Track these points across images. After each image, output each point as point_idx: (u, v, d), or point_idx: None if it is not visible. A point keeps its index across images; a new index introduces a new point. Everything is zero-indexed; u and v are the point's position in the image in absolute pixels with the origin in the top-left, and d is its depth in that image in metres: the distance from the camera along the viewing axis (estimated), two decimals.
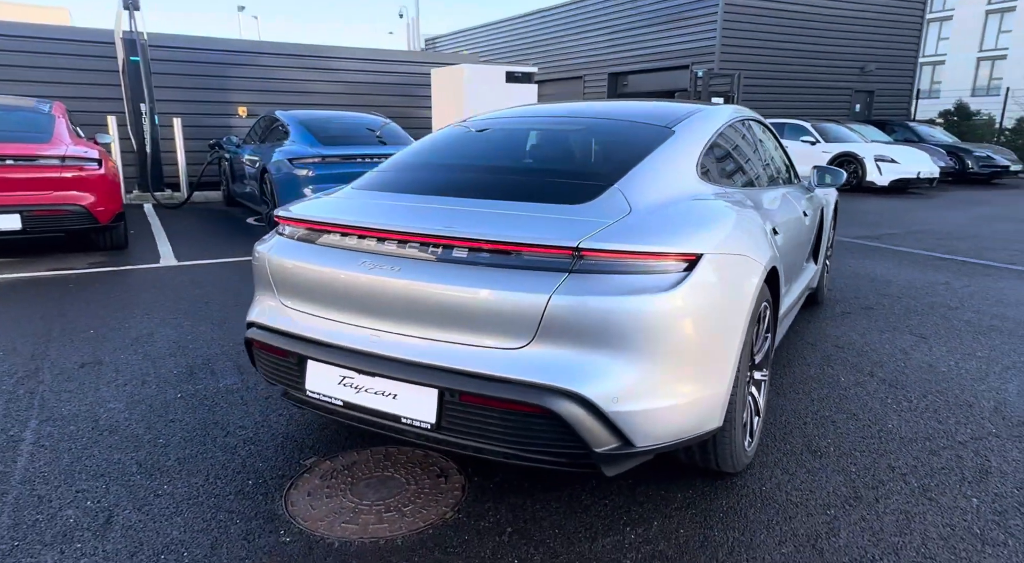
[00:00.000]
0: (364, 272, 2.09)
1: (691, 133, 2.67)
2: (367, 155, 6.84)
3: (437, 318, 1.99)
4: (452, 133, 3.04)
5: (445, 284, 1.96)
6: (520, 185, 2.35)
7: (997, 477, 2.50)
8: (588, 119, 2.90)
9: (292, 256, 2.32)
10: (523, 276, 1.92)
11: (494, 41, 23.00)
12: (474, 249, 1.99)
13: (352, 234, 2.20)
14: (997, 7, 39.71)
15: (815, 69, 17.25)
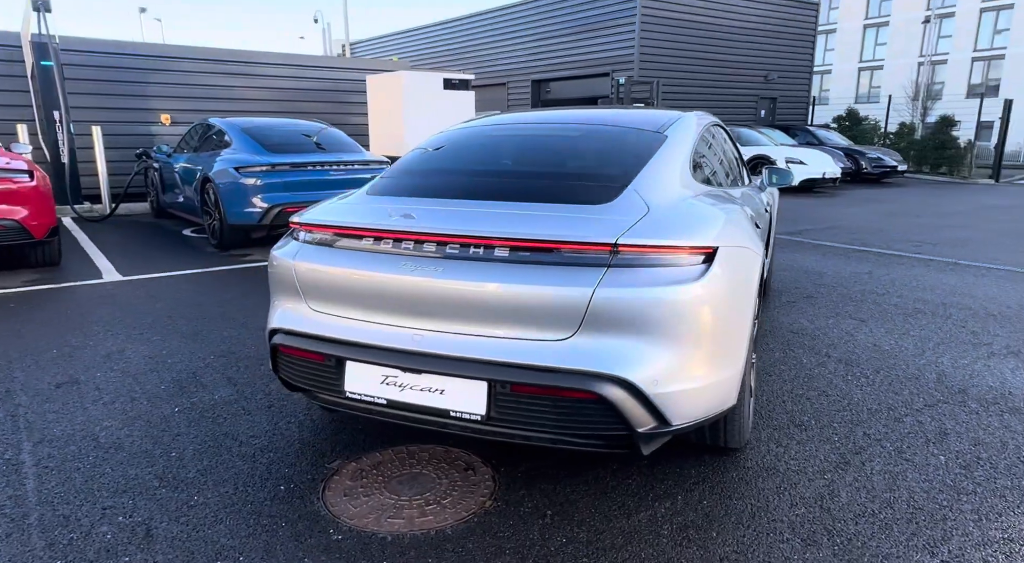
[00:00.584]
0: (407, 274, 2.18)
1: (680, 137, 2.90)
2: (318, 163, 6.77)
3: (484, 315, 2.10)
4: (453, 140, 3.14)
5: (491, 282, 2.08)
6: (539, 187, 2.49)
7: (954, 437, 2.86)
8: (584, 125, 3.09)
9: (324, 261, 2.36)
10: (565, 272, 2.06)
11: (416, 48, 22.97)
12: (516, 248, 2.12)
13: (389, 238, 2.27)
14: (873, 22, 43.35)
15: (725, 77, 18.31)
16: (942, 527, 2.20)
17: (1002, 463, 2.64)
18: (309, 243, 2.48)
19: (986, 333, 4.34)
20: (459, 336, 2.14)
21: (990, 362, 3.79)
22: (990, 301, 5.17)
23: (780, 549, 2.09)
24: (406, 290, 2.18)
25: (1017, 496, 2.39)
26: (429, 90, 9.81)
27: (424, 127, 9.94)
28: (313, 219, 2.49)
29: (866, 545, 2.11)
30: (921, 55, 40.32)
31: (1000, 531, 2.18)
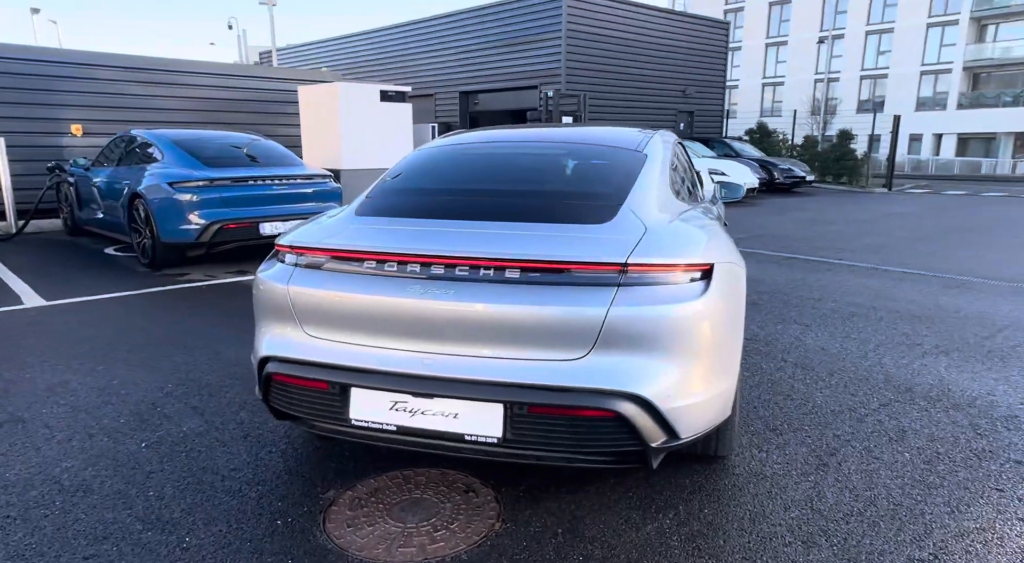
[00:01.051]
0: (417, 297, 2.14)
1: (657, 155, 3.00)
2: (259, 177, 6.52)
3: (497, 336, 2.10)
4: (435, 158, 3.10)
5: (504, 304, 2.08)
6: (536, 207, 2.51)
7: (912, 435, 3.08)
8: (566, 144, 3.14)
9: (323, 286, 2.29)
10: (578, 292, 2.09)
11: (341, 57, 22.54)
12: (527, 269, 2.13)
13: (394, 260, 2.23)
14: (774, 41, 46.17)
15: (646, 91, 18.99)
16: (922, 521, 2.37)
17: (958, 457, 2.86)
18: (304, 267, 2.39)
19: (916, 334, 4.70)
20: (473, 359, 2.13)
21: (925, 361, 4.11)
22: (912, 303, 5.60)
23: (785, 553, 2.19)
24: (416, 313, 2.15)
25: (978, 487, 2.61)
26: (366, 102, 9.64)
27: (362, 140, 9.77)
28: (307, 242, 2.41)
29: (860, 543, 2.24)
30: (817, 73, 43.25)
31: (972, 521, 2.37)
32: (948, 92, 40.26)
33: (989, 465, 2.79)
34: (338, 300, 2.25)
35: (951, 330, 4.81)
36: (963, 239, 9.80)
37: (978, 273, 7.01)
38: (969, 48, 39.41)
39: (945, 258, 7.98)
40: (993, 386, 3.70)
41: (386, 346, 2.21)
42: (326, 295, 2.27)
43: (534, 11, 16.78)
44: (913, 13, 40.47)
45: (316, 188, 6.92)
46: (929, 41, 40.43)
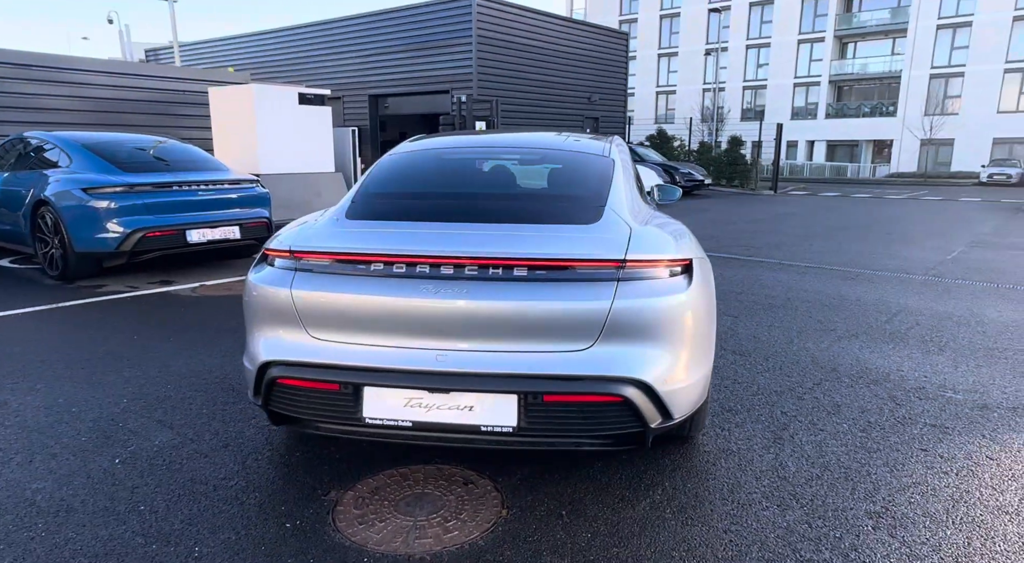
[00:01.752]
0: (429, 297, 2.23)
1: (622, 160, 3.23)
2: (184, 182, 6.24)
3: (509, 331, 2.22)
4: (415, 163, 3.16)
5: (516, 300, 2.21)
6: (528, 209, 2.65)
7: (845, 408, 3.47)
8: (540, 150, 3.30)
9: (331, 289, 2.32)
10: (583, 287, 2.26)
11: (243, 56, 21.61)
12: (533, 267, 2.27)
13: (403, 262, 2.30)
14: (665, 52, 48.67)
15: (555, 98, 19.55)
16: (870, 480, 2.71)
17: (886, 424, 3.27)
18: (305, 270, 2.41)
19: (828, 321, 5.23)
20: (486, 353, 2.24)
21: (841, 344, 4.60)
22: (819, 294, 6.20)
23: (764, 516, 2.45)
24: (429, 313, 2.23)
25: (907, 449, 3.00)
26: (283, 105, 9.37)
27: (280, 144, 9.50)
28: (308, 246, 2.43)
29: (824, 503, 2.54)
30: (705, 83, 46.02)
31: (908, 477, 2.74)
32: (818, 102, 44.00)
33: (911, 429, 3.21)
34: (348, 302, 2.29)
35: (856, 316, 5.38)
36: (848, 236, 10.85)
37: (867, 266, 7.83)
38: (833, 63, 43.28)
39: (837, 253, 8.83)
40: (900, 363, 4.21)
41: (399, 344, 2.27)
42: (335, 297, 2.30)
43: (444, 16, 16.88)
44: (786, 31, 43.92)
45: (243, 193, 6.70)
46: (800, 56, 44.02)
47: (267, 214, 6.84)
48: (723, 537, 2.31)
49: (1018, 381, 3.90)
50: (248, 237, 6.67)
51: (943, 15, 39.04)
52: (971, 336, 4.84)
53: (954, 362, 4.24)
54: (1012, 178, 30.81)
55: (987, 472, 2.79)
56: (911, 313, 5.51)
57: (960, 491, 2.63)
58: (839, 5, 42.46)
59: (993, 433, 3.18)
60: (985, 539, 2.30)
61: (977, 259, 8.49)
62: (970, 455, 2.95)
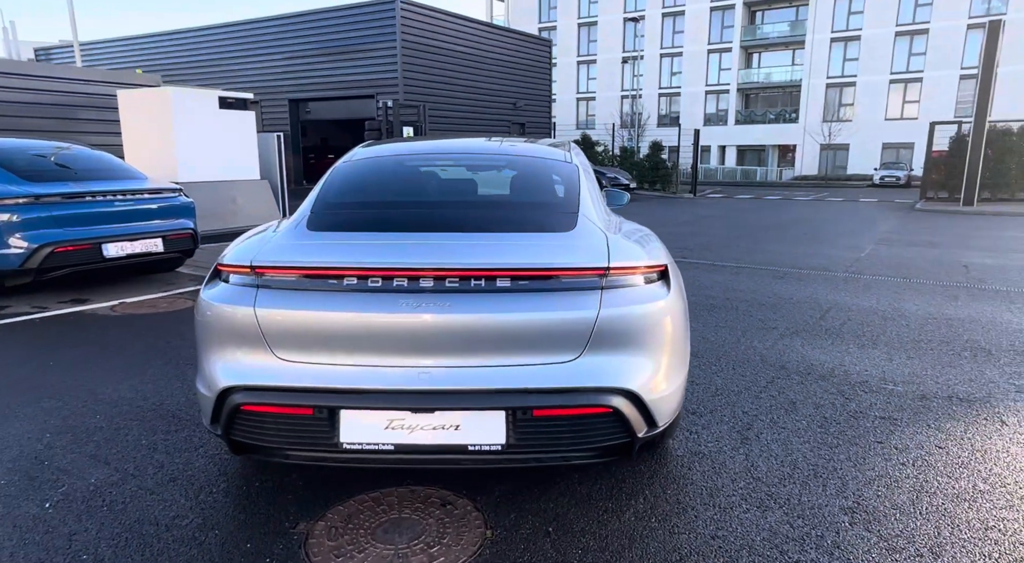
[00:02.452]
0: (408, 312, 2.10)
1: (583, 165, 3.20)
2: (98, 193, 5.75)
3: (495, 345, 2.13)
4: (374, 170, 3.01)
5: (501, 313, 2.12)
6: (501, 217, 2.56)
7: (801, 405, 3.57)
8: (502, 156, 3.21)
9: (300, 306, 2.15)
10: (567, 297, 2.20)
11: (148, 58, 20.39)
12: (517, 277, 2.19)
13: (378, 275, 2.16)
14: (584, 59, 49.72)
15: (481, 104, 19.53)
16: (838, 476, 2.78)
17: (840, 418, 3.38)
18: (270, 287, 2.23)
19: (768, 319, 5.41)
20: (472, 368, 2.14)
21: (784, 342, 4.75)
22: (755, 293, 6.42)
23: (746, 518, 2.46)
24: (410, 329, 2.11)
25: (864, 442, 3.11)
26: (203, 110, 8.85)
27: (201, 151, 8.97)
28: (271, 261, 2.24)
29: (801, 501, 2.58)
30: (623, 90, 47.32)
31: (872, 471, 2.83)
32: (728, 109, 46.10)
33: (864, 423, 3.34)
34: (321, 320, 2.13)
35: (792, 314, 5.59)
36: (769, 236, 11.35)
37: (793, 264, 8.20)
38: (741, 72, 45.50)
39: (763, 253, 9.21)
40: (841, 358, 4.39)
41: (378, 363, 2.14)
42: (306, 316, 2.14)
43: (368, 19, 16.54)
44: (696, 40, 45.81)
45: (165, 203, 6.26)
46: (711, 65, 46.02)
47: (192, 225, 6.43)
48: (711, 543, 2.30)
49: (946, 371, 4.14)
50: (172, 250, 6.24)
51: (835, 29, 41.79)
52: (897, 330, 5.12)
53: (888, 355, 4.46)
54: (901, 180, 33.29)
55: (939, 461, 2.92)
56: (841, 309, 5.78)
57: (920, 481, 2.74)
58: (744, 17, 44.67)
59: (937, 422, 3.34)
60: (952, 527, 2.40)
61: (887, 256, 9.06)
62: (921, 445, 3.08)
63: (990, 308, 5.86)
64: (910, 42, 39.98)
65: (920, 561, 2.20)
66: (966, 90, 38.18)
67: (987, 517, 2.47)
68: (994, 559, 2.22)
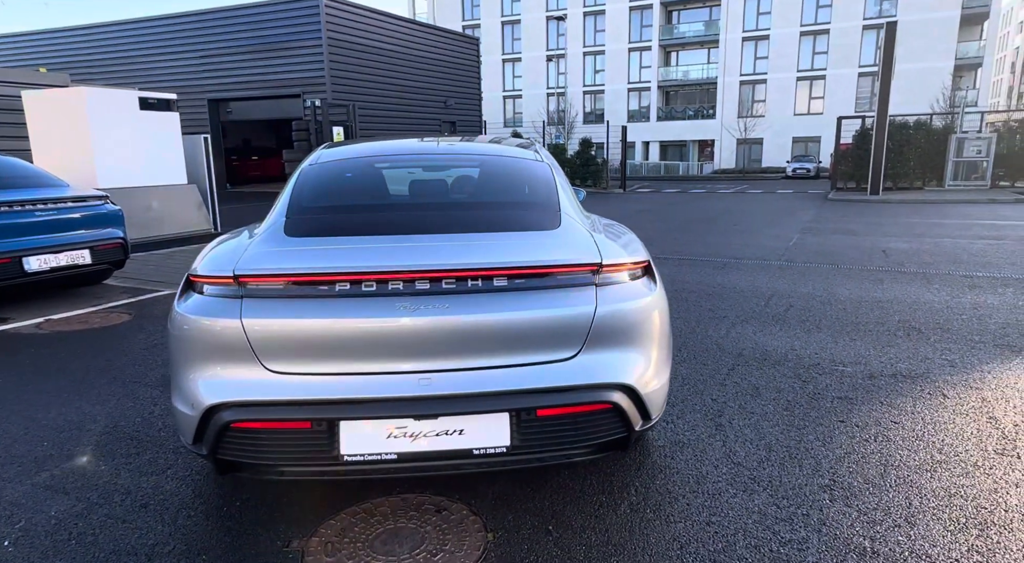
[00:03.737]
0: (407, 316, 2.06)
1: (553, 163, 3.22)
2: (16, 202, 5.31)
3: (495, 344, 2.11)
4: (345, 172, 2.91)
5: (499, 312, 2.10)
6: (487, 218, 2.53)
7: (764, 390, 3.72)
8: (474, 156, 3.18)
9: (290, 315, 2.06)
10: (564, 294, 2.20)
11: (52, 55, 19.00)
12: (513, 276, 2.18)
13: (372, 279, 2.10)
14: (509, 57, 49.95)
15: (412, 102, 19.29)
16: (811, 456, 2.92)
17: (803, 401, 3.55)
18: (257, 296, 2.12)
19: (717, 308, 5.61)
20: (473, 372, 2.11)
21: (736, 329, 4.94)
22: (700, 284, 6.64)
23: (735, 501, 2.54)
24: (408, 333, 2.06)
25: (828, 421, 3.27)
26: (122, 111, 8.31)
27: (121, 155, 8.43)
28: (255, 269, 2.14)
29: (782, 482, 2.69)
30: (548, 87, 47.83)
31: (840, 449, 2.99)
32: (650, 106, 47.41)
33: (824, 403, 3.51)
34: (315, 328, 2.05)
35: (738, 302, 5.82)
36: (703, 228, 11.76)
37: (730, 255, 8.52)
38: (660, 70, 46.86)
39: (700, 244, 9.53)
40: (791, 343, 4.60)
41: (377, 371, 2.08)
42: (299, 325, 2.05)
43: (290, 15, 16.01)
44: (617, 39, 46.84)
45: (90, 211, 5.86)
46: (632, 63, 47.17)
47: (121, 234, 6.05)
48: (707, 529, 2.37)
49: (887, 350, 4.41)
50: (100, 261, 5.85)
51: (746, 29, 43.67)
52: (836, 313, 5.42)
53: (833, 338, 4.71)
54: (811, 171, 35.22)
55: (897, 435, 3.11)
56: (782, 296, 6.06)
57: (884, 456, 2.90)
58: (661, 17, 46.02)
59: (888, 399, 3.56)
60: (920, 497, 2.55)
61: (813, 243, 9.56)
62: (878, 421, 3.27)
63: (912, 289, 6.28)
64: (813, 42, 42.26)
65: (899, 531, 2.33)
66: (864, 87, 40.81)
67: (948, 485, 2.64)
68: (961, 524, 2.38)
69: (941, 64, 38.35)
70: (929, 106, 32.82)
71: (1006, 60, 62.84)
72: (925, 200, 16.83)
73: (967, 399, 3.54)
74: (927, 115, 20.95)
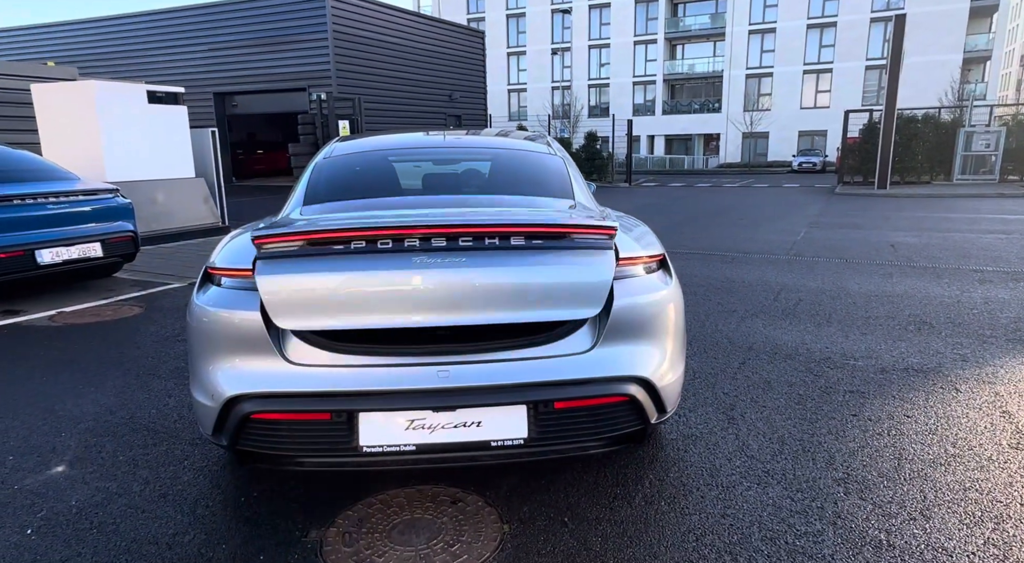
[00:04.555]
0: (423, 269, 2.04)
1: (566, 156, 3.22)
2: (28, 195, 5.34)
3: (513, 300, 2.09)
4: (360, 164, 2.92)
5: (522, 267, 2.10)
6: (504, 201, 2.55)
7: (776, 384, 3.72)
8: (488, 149, 3.19)
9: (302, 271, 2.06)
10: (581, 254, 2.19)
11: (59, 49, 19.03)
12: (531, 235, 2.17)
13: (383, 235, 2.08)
14: (514, 50, 49.82)
15: (417, 96, 19.27)
16: (824, 449, 2.92)
17: (814, 395, 3.55)
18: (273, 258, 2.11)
19: (727, 302, 5.60)
20: (491, 364, 2.12)
21: (746, 323, 4.94)
22: (709, 278, 6.63)
23: (750, 495, 2.55)
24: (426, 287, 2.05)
25: (840, 415, 3.27)
26: (130, 105, 8.33)
27: (130, 148, 8.46)
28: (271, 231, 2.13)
29: (796, 476, 2.69)
30: (553, 81, 47.69)
31: (853, 442, 2.99)
32: (655, 100, 47.25)
33: (836, 397, 3.51)
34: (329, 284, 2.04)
35: (747, 296, 5.82)
36: (709, 222, 11.73)
37: (737, 249, 8.51)
38: (666, 63, 46.68)
39: (707, 238, 9.51)
40: (802, 337, 4.60)
41: (396, 363, 2.09)
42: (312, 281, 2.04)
43: (296, 9, 16.00)
44: (623, 32, 46.67)
45: (101, 205, 5.88)
46: (637, 56, 47.00)
47: (132, 227, 6.07)
48: (723, 522, 2.38)
49: (898, 344, 4.40)
50: (111, 254, 5.88)
51: (753, 22, 43.44)
52: (846, 308, 5.41)
53: (843, 332, 4.71)
54: (817, 165, 35.04)
55: (910, 429, 3.11)
56: (792, 290, 6.05)
57: (898, 449, 2.91)
58: (667, 9, 45.79)
59: (900, 393, 3.56)
60: (935, 491, 2.56)
61: (820, 238, 9.53)
62: (891, 415, 3.27)
63: (922, 284, 6.27)
64: (820, 34, 42.01)
65: (914, 524, 2.34)
66: (871, 80, 40.57)
67: (963, 479, 2.65)
68: (976, 517, 2.38)
69: (950, 57, 38.10)
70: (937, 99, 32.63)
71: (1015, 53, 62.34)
72: (933, 194, 16.75)
73: (980, 393, 3.54)
74: (935, 109, 20.82)
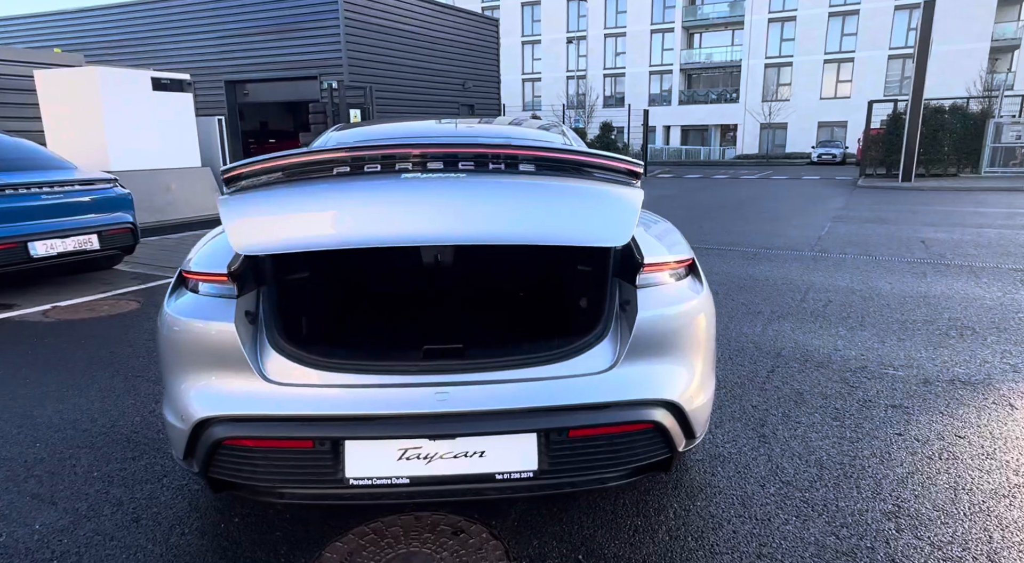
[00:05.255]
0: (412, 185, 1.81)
1: (582, 145, 2.93)
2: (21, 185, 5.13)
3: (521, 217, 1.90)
4: None
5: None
6: None
7: (808, 396, 3.42)
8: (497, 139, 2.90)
9: (278, 196, 1.82)
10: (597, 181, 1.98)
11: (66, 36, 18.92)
12: (541, 160, 1.95)
13: (372, 155, 1.87)
14: (528, 39, 49.24)
15: (429, 84, 18.95)
16: (869, 475, 2.62)
17: (852, 409, 3.25)
18: (241, 189, 1.86)
19: (751, 303, 5.29)
20: (496, 384, 1.85)
21: (772, 327, 4.63)
22: (730, 276, 6.31)
23: (788, 529, 2.26)
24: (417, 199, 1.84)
25: (884, 434, 2.97)
26: (135, 92, 8.11)
27: (134, 136, 8.25)
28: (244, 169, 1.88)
29: (839, 507, 2.40)
30: (568, 70, 47.10)
31: (901, 467, 2.69)
32: (671, 89, 46.54)
33: (876, 413, 3.21)
34: (308, 202, 1.83)
35: (773, 297, 5.49)
36: (728, 215, 11.36)
37: (759, 244, 8.16)
38: (683, 53, 45.91)
39: (727, 233, 9.16)
40: (833, 342, 4.29)
41: (388, 383, 1.82)
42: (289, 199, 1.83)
43: None
44: (639, 21, 45.93)
45: (99, 195, 5.67)
46: (654, 45, 46.26)
47: (131, 218, 5.86)
48: None
49: (940, 352, 4.08)
50: (109, 246, 5.67)
51: (772, 9, 42.54)
52: (879, 310, 5.08)
53: (879, 337, 4.39)
54: (837, 157, 34.30)
55: (964, 452, 2.81)
56: (819, 290, 5.72)
57: (953, 477, 2.60)
58: None
59: (948, 409, 3.24)
60: (1001, 529, 2.26)
61: (845, 233, 9.15)
62: (941, 435, 2.96)
63: (959, 284, 5.91)
64: (842, 22, 41.06)
65: None
66: (894, 70, 39.62)
67: None
68: None
69: (977, 46, 37.08)
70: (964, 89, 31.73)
71: None
72: (961, 187, 16.22)
73: None
74: (963, 99, 20.18)
